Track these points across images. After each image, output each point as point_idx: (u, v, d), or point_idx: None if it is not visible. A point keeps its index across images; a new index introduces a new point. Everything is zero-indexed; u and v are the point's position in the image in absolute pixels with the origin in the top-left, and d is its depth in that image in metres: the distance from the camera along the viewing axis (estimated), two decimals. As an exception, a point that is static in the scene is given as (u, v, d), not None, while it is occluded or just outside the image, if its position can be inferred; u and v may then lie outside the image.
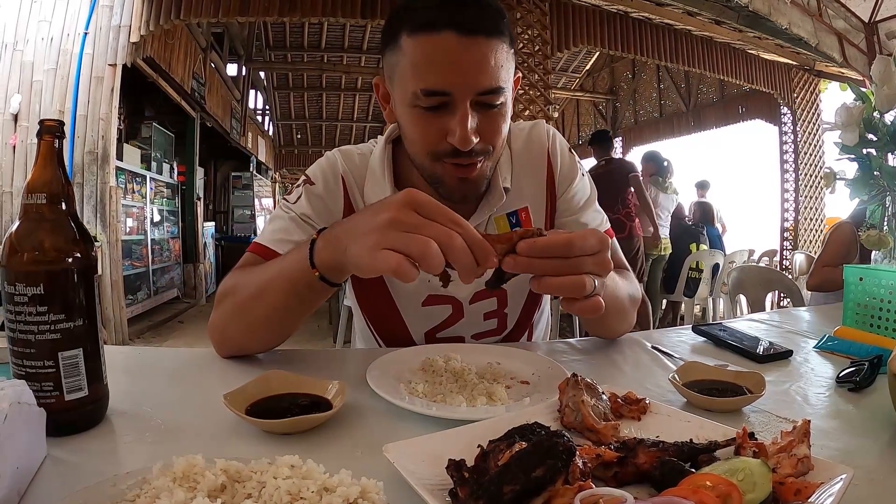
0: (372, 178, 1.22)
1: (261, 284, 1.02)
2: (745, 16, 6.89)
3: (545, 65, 6.38)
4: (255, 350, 1.12)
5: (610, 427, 0.74)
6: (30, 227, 0.73)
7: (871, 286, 1.34)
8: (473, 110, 0.99)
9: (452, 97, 0.98)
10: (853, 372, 1.00)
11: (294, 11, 6.12)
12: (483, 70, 0.98)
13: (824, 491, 0.55)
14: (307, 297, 0.99)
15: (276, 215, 1.21)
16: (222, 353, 1.11)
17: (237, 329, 1.07)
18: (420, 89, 0.98)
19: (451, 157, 1.03)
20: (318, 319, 6.84)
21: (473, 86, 0.98)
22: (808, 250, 7.90)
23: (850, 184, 1.43)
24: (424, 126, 1.02)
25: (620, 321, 1.25)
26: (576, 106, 14.71)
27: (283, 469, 0.58)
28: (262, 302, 1.01)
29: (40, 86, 5.43)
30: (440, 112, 1.00)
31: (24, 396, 0.64)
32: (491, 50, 0.98)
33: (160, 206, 8.34)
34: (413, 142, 1.08)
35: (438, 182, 1.09)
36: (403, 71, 1.01)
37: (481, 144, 1.02)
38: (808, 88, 9.12)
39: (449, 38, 0.95)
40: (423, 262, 0.72)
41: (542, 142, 1.27)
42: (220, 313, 1.08)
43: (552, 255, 0.77)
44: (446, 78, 0.97)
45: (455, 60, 0.96)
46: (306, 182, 1.21)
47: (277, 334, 1.09)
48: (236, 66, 11.47)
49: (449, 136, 1.00)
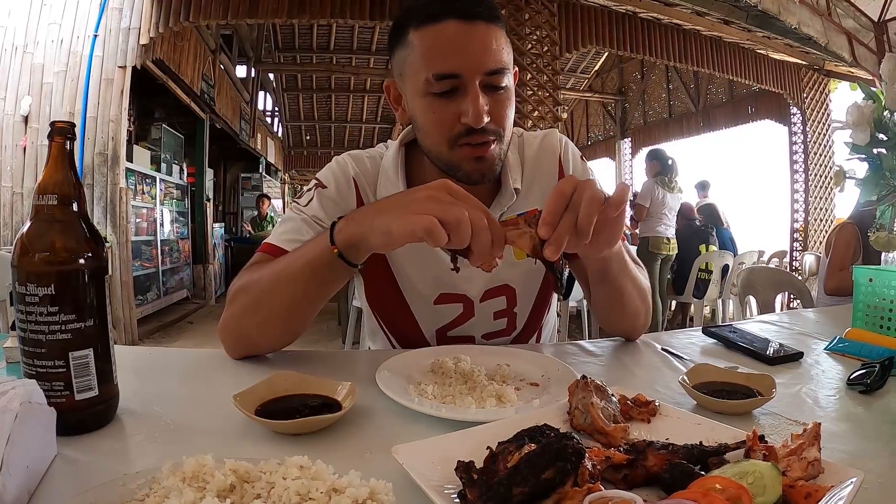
0: (385, 179, 1.24)
1: (277, 273, 1.05)
2: (754, 15, 6.85)
3: (554, 65, 6.37)
4: (268, 347, 1.13)
5: (619, 429, 0.73)
6: (41, 228, 0.74)
7: (882, 287, 1.33)
8: (482, 91, 1.05)
9: (462, 79, 1.04)
10: (864, 374, 1.00)
11: (303, 13, 6.13)
12: (487, 51, 1.05)
13: (834, 494, 0.55)
14: (325, 278, 1.02)
15: (288, 217, 1.22)
16: (234, 352, 1.11)
17: (252, 324, 1.07)
18: (432, 74, 1.04)
19: (466, 136, 1.08)
20: (327, 321, 6.85)
21: (480, 66, 1.04)
22: (818, 251, 7.84)
23: (861, 184, 1.42)
24: (439, 112, 1.08)
25: (639, 305, 1.25)
26: (585, 107, 14.69)
27: (293, 470, 0.58)
28: (278, 291, 1.04)
29: (50, 88, 5.46)
30: (452, 97, 1.06)
31: (34, 396, 0.64)
32: (492, 33, 1.06)
33: (170, 207, 8.37)
34: (428, 132, 1.12)
35: (456, 168, 1.12)
36: (414, 63, 1.07)
37: (492, 125, 1.08)
38: (818, 88, 9.07)
39: (452, 25, 1.03)
40: (455, 228, 0.81)
41: (555, 148, 1.30)
42: (232, 311, 1.09)
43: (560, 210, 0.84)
44: (454, 61, 1.03)
45: (461, 44, 1.04)
46: (318, 186, 1.23)
47: (292, 325, 1.10)
48: (245, 67, 11.49)
49: (462, 116, 1.05)
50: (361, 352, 1.42)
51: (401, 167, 1.23)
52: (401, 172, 1.22)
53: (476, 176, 1.13)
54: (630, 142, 13.18)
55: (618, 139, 13.42)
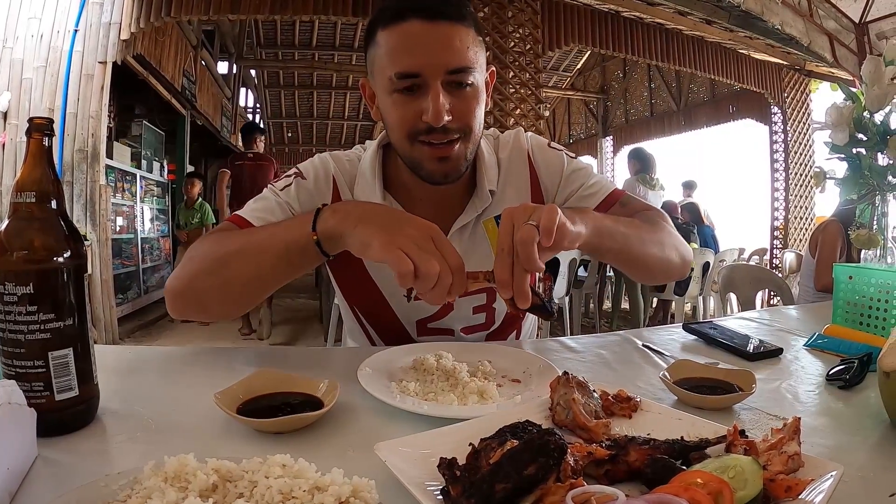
0: (362, 180, 1.26)
1: (248, 243, 1.05)
2: (737, 15, 6.91)
3: (536, 63, 6.38)
4: (217, 312, 1.14)
5: (601, 425, 0.74)
6: (19, 226, 0.73)
7: (861, 284, 1.35)
8: (445, 90, 1.06)
9: (423, 77, 1.05)
10: (843, 370, 1.01)
11: (285, 9, 6.09)
12: (448, 50, 1.05)
13: (814, 488, 0.56)
14: (294, 261, 1.03)
15: (263, 196, 1.23)
16: (178, 311, 1.11)
17: (208, 285, 1.06)
18: (394, 73, 1.06)
19: (427, 135, 1.09)
20: (308, 318, 6.83)
21: (441, 65, 1.05)
22: (798, 249, 7.93)
23: (840, 183, 1.44)
24: (402, 109, 1.09)
25: (659, 253, 1.21)
26: (567, 105, 14.73)
27: (275, 468, 0.58)
28: (245, 260, 1.03)
29: (30, 83, 5.38)
30: (415, 95, 1.07)
31: (14, 397, 0.64)
32: (455, 32, 1.06)
33: (150, 204, 8.30)
34: (393, 128, 1.13)
35: (418, 165, 1.14)
36: (380, 61, 1.09)
37: (455, 123, 1.09)
38: (799, 88, 9.17)
39: (415, 24, 1.05)
40: (423, 280, 0.82)
41: (523, 147, 1.32)
42: (189, 269, 1.08)
43: (509, 267, 0.86)
44: (415, 60, 1.05)
45: (422, 43, 1.05)
46: (297, 175, 1.25)
47: (247, 297, 1.10)
48: (227, 63, 11.42)
49: (423, 114, 1.06)
50: (343, 349, 1.41)
51: (377, 169, 1.24)
52: (377, 174, 1.24)
53: (438, 176, 1.14)
54: (612, 140, 13.22)
55: (600, 137, 13.46)
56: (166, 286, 1.10)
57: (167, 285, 1.10)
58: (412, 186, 1.23)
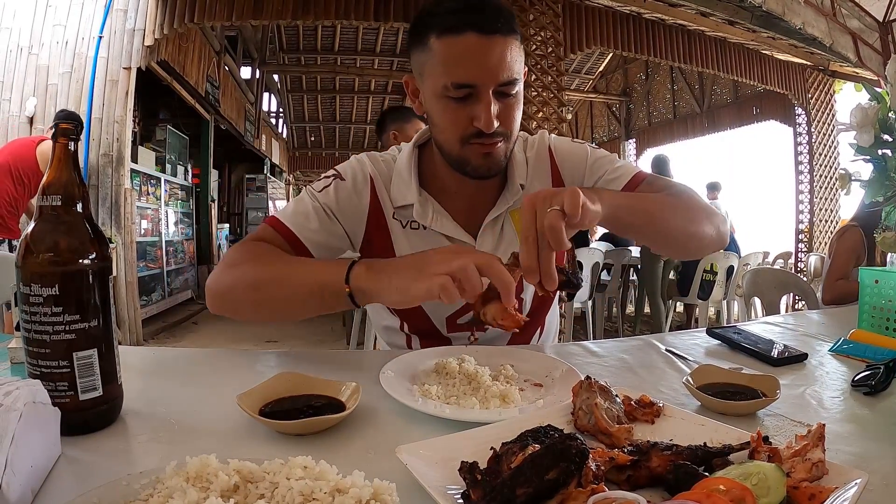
0: (398, 178, 1.32)
1: (286, 274, 1.10)
2: (759, 16, 6.83)
3: (558, 66, 6.36)
4: (252, 319, 1.18)
5: (623, 430, 0.73)
6: (45, 229, 0.74)
7: (887, 289, 1.33)
8: (494, 99, 1.12)
9: (477, 88, 1.11)
10: (869, 375, 1.00)
11: (307, 14, 6.14)
12: (501, 64, 1.11)
13: (839, 496, 0.55)
14: (330, 303, 1.07)
15: (301, 198, 1.30)
16: (215, 309, 1.17)
17: (246, 298, 1.13)
18: (451, 82, 1.11)
19: (477, 138, 1.16)
20: (331, 322, 6.86)
21: (494, 78, 1.11)
22: (823, 252, 7.82)
23: (866, 185, 1.42)
24: (454, 114, 1.15)
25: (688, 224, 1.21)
26: (589, 108, 14.67)
27: (296, 470, 0.58)
28: (282, 289, 1.08)
29: (55, 89, 5.47)
30: (467, 101, 1.13)
31: (38, 396, 0.65)
32: (507, 46, 1.12)
33: (175, 208, 8.40)
34: (443, 129, 1.20)
35: (465, 162, 1.20)
36: (433, 68, 1.15)
37: (501, 128, 1.16)
38: (823, 89, 9.03)
39: (471, 37, 1.09)
40: (464, 276, 0.85)
41: (545, 145, 1.40)
42: (232, 277, 1.14)
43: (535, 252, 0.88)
44: (472, 72, 1.11)
45: (478, 57, 1.10)
46: (337, 177, 1.31)
47: (281, 317, 1.19)
48: (250, 68, 11.51)
49: (475, 121, 1.13)
50: (366, 352, 1.42)
51: (413, 167, 1.32)
52: (413, 172, 1.31)
53: (483, 170, 1.21)
54: (635, 143, 13.15)
55: (622, 140, 13.38)
56: (208, 283, 1.17)
57: (208, 282, 1.17)
58: (448, 182, 1.30)
